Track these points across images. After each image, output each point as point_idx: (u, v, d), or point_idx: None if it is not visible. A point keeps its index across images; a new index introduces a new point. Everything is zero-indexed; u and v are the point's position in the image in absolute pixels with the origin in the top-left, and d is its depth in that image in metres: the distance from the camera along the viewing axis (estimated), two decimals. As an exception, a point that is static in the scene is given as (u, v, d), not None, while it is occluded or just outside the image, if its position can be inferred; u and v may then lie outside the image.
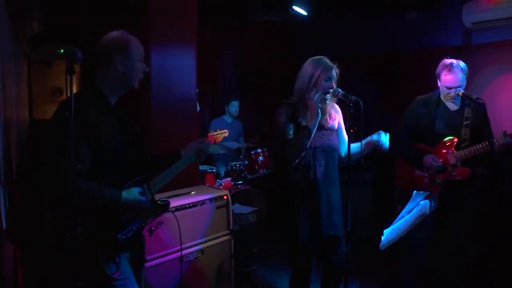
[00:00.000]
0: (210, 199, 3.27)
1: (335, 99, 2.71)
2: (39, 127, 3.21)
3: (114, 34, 2.12)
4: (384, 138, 2.66)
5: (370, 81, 5.41)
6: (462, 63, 3.06)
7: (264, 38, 6.51)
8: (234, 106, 5.84)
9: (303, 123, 2.65)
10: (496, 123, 3.26)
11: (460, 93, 3.01)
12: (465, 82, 3.06)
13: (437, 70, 3.14)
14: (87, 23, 3.58)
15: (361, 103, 2.29)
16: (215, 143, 2.72)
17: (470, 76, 3.15)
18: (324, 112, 2.74)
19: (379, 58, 5.67)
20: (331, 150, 2.77)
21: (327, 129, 2.76)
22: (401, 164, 3.33)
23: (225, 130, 2.78)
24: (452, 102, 3.14)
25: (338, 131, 2.86)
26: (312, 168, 2.69)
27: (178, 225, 2.87)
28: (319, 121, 2.67)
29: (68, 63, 1.63)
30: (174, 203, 2.92)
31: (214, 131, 2.70)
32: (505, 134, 2.88)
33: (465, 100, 3.10)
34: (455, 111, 3.14)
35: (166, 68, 3.65)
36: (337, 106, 2.84)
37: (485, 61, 4.68)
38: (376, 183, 4.94)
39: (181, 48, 3.80)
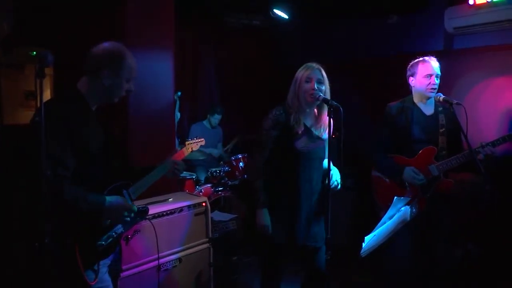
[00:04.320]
0: (189, 206, 3.26)
1: (322, 105, 2.74)
2: (11, 133, 3.15)
3: (111, 46, 2.11)
4: (336, 175, 2.62)
5: (354, 87, 5.48)
6: (434, 58, 3.08)
7: (246, 43, 6.54)
8: (216, 119, 5.88)
9: (296, 128, 2.69)
10: (477, 130, 3.27)
11: (441, 99, 2.98)
12: (438, 81, 3.04)
13: (409, 71, 3.13)
14: (62, 25, 3.55)
15: (341, 109, 2.30)
16: (191, 151, 2.74)
17: (452, 81, 3.24)
18: (316, 119, 2.79)
19: (361, 64, 5.73)
20: (318, 158, 2.78)
21: (318, 138, 2.78)
22: (377, 177, 3.25)
23: (202, 139, 2.82)
24: (426, 105, 3.12)
25: (325, 141, 2.86)
26: (295, 174, 2.69)
27: (155, 233, 2.84)
28: (313, 130, 2.73)
29: (39, 66, 1.62)
30: (152, 210, 2.89)
31: (191, 139, 2.75)
32: (482, 145, 2.89)
33: (438, 107, 3.10)
34: (430, 116, 3.11)
35: (143, 73, 3.59)
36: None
37: (467, 66, 4.73)
38: (358, 188, 4.95)
39: (158, 52, 3.77)
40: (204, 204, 3.37)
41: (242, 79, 6.47)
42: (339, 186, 2.60)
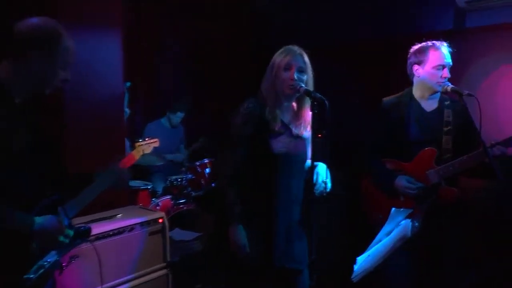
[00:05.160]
0: (142, 224, 3.26)
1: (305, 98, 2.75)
2: None
3: (41, 22, 2.06)
4: (322, 173, 2.64)
5: (344, 76, 5.49)
6: (445, 43, 3.11)
7: (217, 22, 6.49)
8: (178, 117, 5.89)
9: (272, 125, 2.72)
10: (495, 123, 3.34)
11: (449, 89, 2.98)
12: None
13: (415, 58, 3.15)
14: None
15: (326, 103, 2.33)
16: (143, 154, 2.74)
17: (463, 67, 3.29)
18: (296, 115, 2.82)
19: (353, 48, 5.73)
20: (299, 161, 2.82)
21: (299, 137, 2.82)
22: (371, 184, 3.32)
23: (155, 139, 2.83)
24: (428, 100, 3.16)
25: (307, 140, 2.87)
26: (271, 181, 2.72)
27: (99, 258, 2.81)
28: (292, 128, 2.77)
29: None
30: (95, 230, 2.84)
31: (142, 140, 2.75)
32: (491, 145, 2.89)
33: (444, 100, 3.15)
34: (431, 112, 3.14)
35: (82, 59, 3.55)
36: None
37: (482, 48, 4.70)
38: (350, 198, 4.77)
39: (102, 32, 3.74)
40: (161, 220, 3.37)
41: (212, 67, 6.45)
42: (328, 189, 2.63)
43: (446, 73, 3.02)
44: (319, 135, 2.41)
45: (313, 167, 2.48)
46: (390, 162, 3.15)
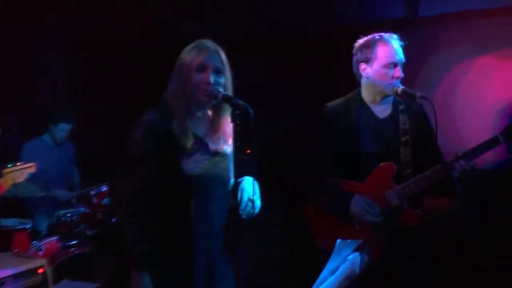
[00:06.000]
0: (16, 276, 3.14)
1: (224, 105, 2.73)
2: None
3: None
4: (248, 188, 2.65)
5: (274, 77, 5.49)
6: (395, 36, 3.20)
7: (120, 13, 6.24)
8: (62, 131, 5.72)
9: (182, 141, 2.66)
10: (455, 129, 3.48)
11: (399, 91, 3.06)
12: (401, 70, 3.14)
13: (360, 54, 3.23)
14: None
15: (251, 111, 2.34)
16: (14, 183, 2.63)
17: (419, 63, 3.48)
18: (213, 126, 2.80)
19: (285, 42, 5.73)
20: (220, 182, 2.79)
21: (218, 154, 2.80)
22: (312, 210, 3.36)
23: (31, 164, 2.73)
24: (380, 105, 3.24)
25: (230, 157, 2.86)
26: (186, 210, 2.67)
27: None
28: (209, 143, 2.74)
29: None
30: None
31: (13, 165, 2.63)
32: (457, 156, 3.01)
33: (398, 104, 3.24)
34: (385, 119, 3.24)
35: None
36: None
37: (439, 41, 4.87)
38: (287, 226, 4.91)
39: None
40: (42, 270, 3.29)
41: (107, 66, 6.35)
42: (257, 208, 2.63)
43: (398, 72, 3.11)
44: (247, 151, 2.44)
45: (236, 185, 2.51)
46: (340, 182, 3.20)
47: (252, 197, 2.62)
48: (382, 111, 3.23)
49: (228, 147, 2.80)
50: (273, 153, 2.93)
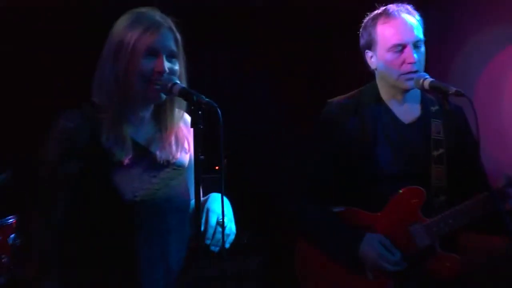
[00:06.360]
0: None
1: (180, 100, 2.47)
2: None
3: None
4: (216, 208, 2.38)
5: (249, 64, 5.11)
6: (408, 6, 2.90)
7: None
8: None
9: (118, 154, 2.35)
10: (502, 140, 3.30)
11: (428, 84, 2.68)
12: (420, 56, 2.79)
13: (363, 39, 2.94)
14: None
15: (218, 110, 2.10)
16: None
17: (445, 46, 3.10)
18: (162, 130, 2.53)
19: (271, 14, 5.32)
20: (175, 207, 2.47)
21: (170, 166, 2.50)
22: (306, 249, 2.99)
23: None
24: (403, 103, 2.90)
25: (189, 169, 2.59)
26: (128, 251, 2.38)
27: None
28: (156, 152, 2.47)
29: None
30: None
31: None
32: (506, 186, 2.69)
33: (429, 103, 2.91)
34: (412, 125, 2.90)
35: None
36: (187, 118, 2.55)
37: (478, 15, 4.34)
38: (272, 273, 4.59)
39: None
40: None
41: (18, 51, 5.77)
42: (231, 234, 2.40)
43: (410, 55, 2.77)
44: (215, 167, 2.59)
45: (199, 206, 2.21)
46: (347, 211, 2.87)
47: (220, 220, 2.34)
48: (407, 113, 2.90)
49: (184, 155, 2.57)
50: (249, 169, 2.90)
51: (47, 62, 5.47)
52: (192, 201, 2.51)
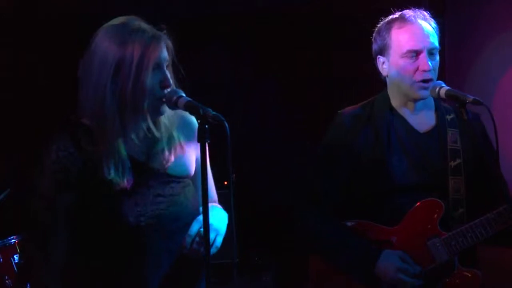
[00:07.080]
0: None
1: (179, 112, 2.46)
2: None
3: None
4: (197, 222, 2.33)
5: (260, 67, 5.05)
6: (425, 13, 2.86)
7: None
8: None
9: (112, 179, 2.31)
10: None
11: (444, 92, 2.64)
12: (434, 64, 2.75)
13: (376, 45, 2.89)
14: None
15: (226, 124, 2.06)
16: None
17: (461, 53, 3.08)
18: (161, 137, 2.48)
19: (269, 20, 5.26)
20: (186, 226, 2.40)
21: (168, 177, 2.45)
22: (320, 266, 2.94)
23: None
24: (417, 112, 2.86)
25: (196, 179, 2.49)
26: (139, 276, 2.35)
27: None
28: (153, 164, 2.43)
29: None
30: None
31: None
32: None
33: (445, 112, 2.88)
34: (427, 134, 2.86)
35: None
36: (192, 120, 2.49)
37: (496, 19, 4.23)
38: None
39: None
40: None
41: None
42: (216, 246, 2.36)
43: (424, 62, 2.72)
44: (225, 182, 2.60)
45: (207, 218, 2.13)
46: (360, 225, 2.83)
47: (201, 230, 2.27)
48: (422, 121, 2.86)
49: (189, 164, 2.52)
50: (258, 183, 2.87)
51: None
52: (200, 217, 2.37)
